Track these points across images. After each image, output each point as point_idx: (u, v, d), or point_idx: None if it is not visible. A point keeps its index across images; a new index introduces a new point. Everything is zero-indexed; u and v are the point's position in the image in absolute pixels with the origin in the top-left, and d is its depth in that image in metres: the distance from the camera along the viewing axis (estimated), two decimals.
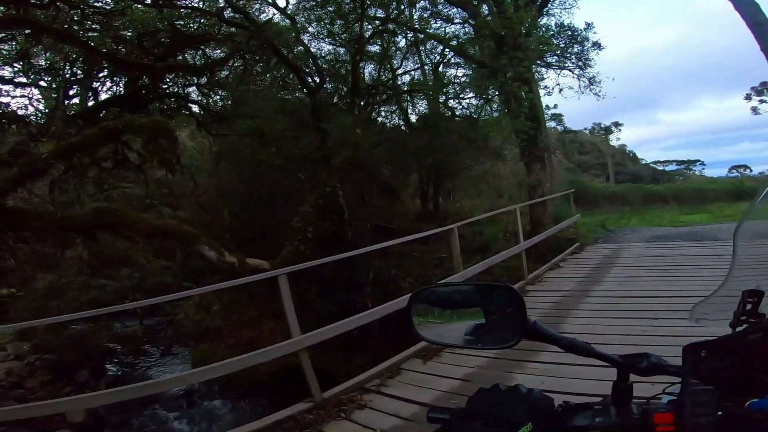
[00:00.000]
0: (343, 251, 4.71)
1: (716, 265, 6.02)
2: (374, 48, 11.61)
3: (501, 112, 11.56)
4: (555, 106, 28.90)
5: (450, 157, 10.39)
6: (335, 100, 10.80)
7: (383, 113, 12.91)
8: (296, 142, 8.03)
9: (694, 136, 57.30)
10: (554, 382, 3.14)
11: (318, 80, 9.80)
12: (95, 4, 8.05)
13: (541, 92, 19.90)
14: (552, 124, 33.22)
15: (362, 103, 10.50)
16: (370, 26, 10.36)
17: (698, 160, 35.57)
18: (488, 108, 12.93)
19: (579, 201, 18.39)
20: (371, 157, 8.21)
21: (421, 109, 13.13)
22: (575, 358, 0.81)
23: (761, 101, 24.18)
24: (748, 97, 25.54)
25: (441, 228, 5.26)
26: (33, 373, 6.79)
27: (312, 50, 10.62)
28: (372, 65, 12.12)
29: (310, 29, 10.95)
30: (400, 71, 12.66)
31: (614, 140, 36.38)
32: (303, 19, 10.60)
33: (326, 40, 11.20)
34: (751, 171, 29.89)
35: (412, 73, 13.24)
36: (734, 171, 31.22)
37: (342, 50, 11.11)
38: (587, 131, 37.36)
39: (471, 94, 12.67)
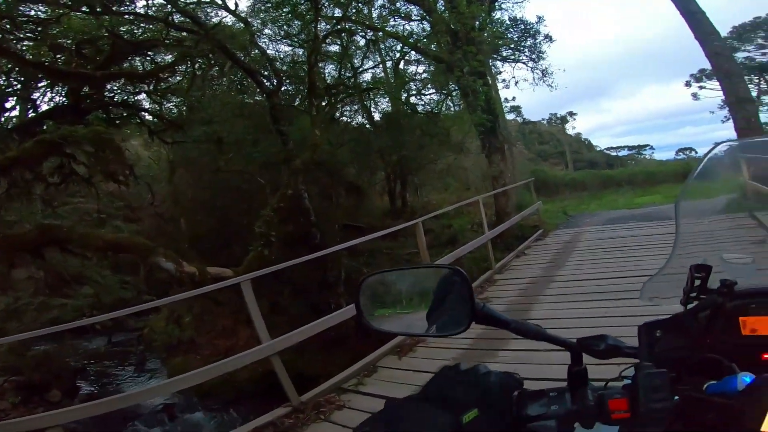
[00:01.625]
0: (313, 252, 4.63)
1: (671, 242, 6.36)
2: (334, 48, 11.55)
3: (461, 107, 11.81)
4: (513, 98, 29.90)
5: (414, 152, 10.48)
6: (296, 101, 10.63)
7: (346, 113, 12.87)
8: (256, 146, 7.81)
9: (642, 123, 60.94)
10: (526, 369, 3.16)
11: (276, 82, 9.62)
12: (28, 12, 7.58)
13: (499, 85, 20.62)
14: (512, 116, 34.25)
15: (323, 104, 10.41)
16: (327, 26, 10.27)
17: (648, 145, 37.49)
18: (449, 103, 13.23)
19: (541, 189, 19.13)
20: (334, 158, 8.14)
21: (384, 107, 13.19)
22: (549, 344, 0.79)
23: (700, 87, 25.98)
24: (688, 84, 27.41)
25: (406, 223, 5.28)
26: (2, 395, 6.44)
27: (270, 52, 10.42)
28: (332, 65, 12.05)
29: (267, 31, 10.75)
30: (361, 70, 12.66)
31: (570, 129, 37.99)
32: (259, 21, 10.38)
33: (284, 41, 11.04)
34: (696, 153, 31.86)
35: (374, 71, 13.28)
36: (681, 153, 33.28)
37: (301, 51, 10.96)
38: (545, 121, 38.71)
39: (432, 90, 12.93)
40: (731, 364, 0.69)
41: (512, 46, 17.94)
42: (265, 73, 9.85)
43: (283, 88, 9.98)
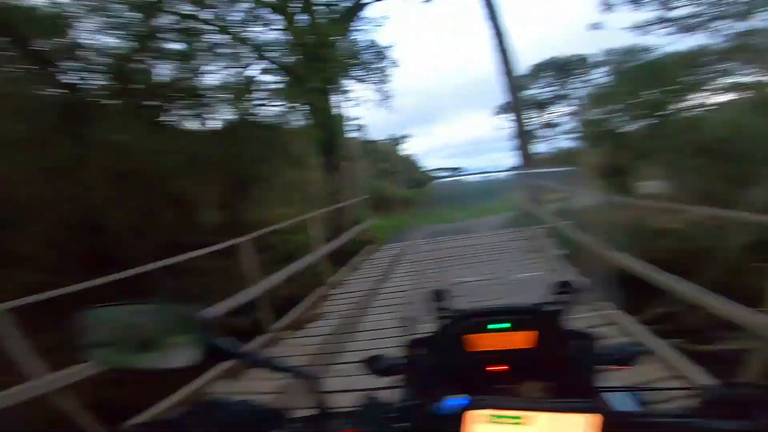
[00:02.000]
0: (119, 272, 3.92)
1: (470, 254, 7.72)
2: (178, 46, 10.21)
3: (305, 121, 11.93)
4: (360, 117, 31.30)
5: (255, 165, 10.04)
6: (116, 101, 8.90)
7: (181, 118, 11.49)
8: (44, 150, 6.17)
9: (461, 147, 72.12)
10: None
11: (85, 76, 7.91)
12: None
13: (349, 103, 21.72)
14: (356, 133, 36.29)
15: (147, 105, 9.06)
16: (168, 21, 9.06)
17: (461, 167, 44.58)
18: (296, 116, 13.21)
19: (380, 205, 20.83)
20: (158, 167, 7.13)
21: (227, 115, 12.31)
22: None
23: (503, 119, 32.48)
24: (494, 115, 34.08)
25: (233, 240, 5.02)
26: None
27: (95, 43, 8.52)
28: (170, 64, 10.64)
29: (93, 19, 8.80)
30: (203, 72, 11.54)
31: (405, 149, 42.41)
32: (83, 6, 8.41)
33: (113, 32, 9.21)
34: (494, 176, 39.42)
35: (221, 75, 12.30)
36: (484, 176, 40.77)
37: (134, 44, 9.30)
38: (385, 141, 42.15)
39: (278, 102, 12.69)
40: (457, 382, 0.79)
41: (363, 67, 19.30)
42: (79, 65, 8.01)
43: (100, 84, 8.30)
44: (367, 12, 16.14)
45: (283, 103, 12.57)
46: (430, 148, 73.56)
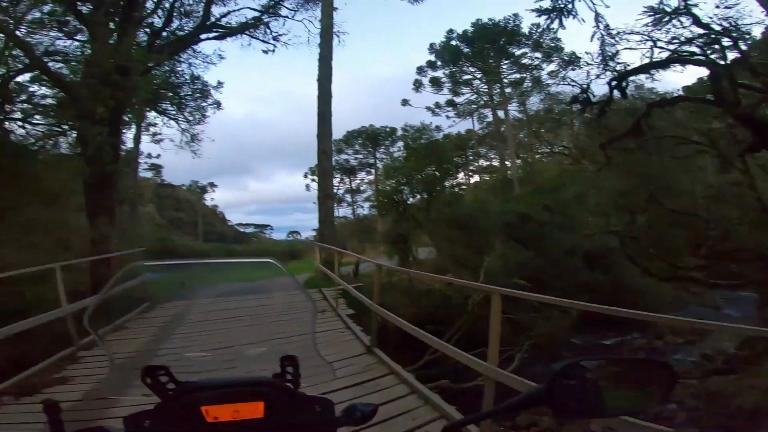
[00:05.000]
0: None
1: (264, 314, 7.46)
2: None
3: (74, 150, 9.73)
4: (158, 156, 27.16)
5: None
6: None
7: None
8: None
9: (268, 204, 71.19)
10: None
11: None
12: None
13: (146, 137, 18.76)
14: (149, 174, 31.48)
15: None
16: None
17: (269, 225, 43.90)
18: (64, 141, 10.64)
19: (167, 258, 18.04)
20: None
21: None
22: None
23: (312, 180, 34.15)
24: (306, 176, 35.47)
25: None
26: None
27: None
28: None
29: None
30: None
31: (208, 200, 39.09)
32: None
33: None
34: (300, 236, 40.50)
35: None
36: (291, 236, 41.30)
37: None
38: (185, 187, 37.97)
39: (42, 121, 10.09)
40: None
41: (176, 101, 17.15)
42: None
43: None
44: (202, 45, 15.37)
45: (50, 123, 10.18)
46: (237, 200, 69.92)
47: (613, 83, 11.06)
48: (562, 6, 12.38)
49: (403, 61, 61.81)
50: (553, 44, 23.87)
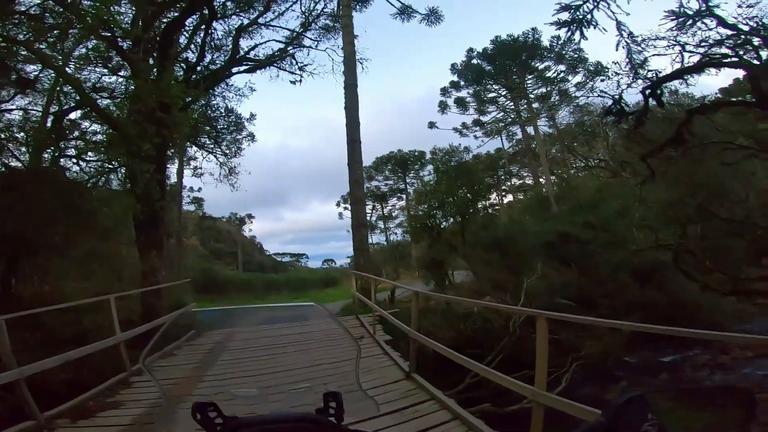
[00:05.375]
0: None
1: (306, 341, 7.49)
2: None
3: (123, 186, 10.40)
4: (199, 189, 28.64)
5: (41, 228, 8.00)
6: None
7: None
8: None
9: (303, 233, 72.65)
10: None
11: None
12: None
13: (187, 172, 19.72)
14: (191, 207, 33.18)
15: None
16: None
17: (304, 254, 44.87)
18: (115, 178, 11.45)
19: (210, 288, 18.79)
20: None
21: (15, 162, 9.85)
22: None
23: (345, 208, 34.62)
24: (338, 204, 36.08)
25: None
26: None
27: None
28: None
29: None
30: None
31: (247, 231, 40.51)
32: None
33: None
34: (335, 263, 40.91)
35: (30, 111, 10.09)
36: (326, 264, 41.78)
37: None
38: (225, 219, 39.63)
39: (95, 158, 10.91)
40: None
41: (213, 134, 17.97)
42: None
43: None
44: (234, 79, 16.08)
45: (101, 160, 10.92)
46: (273, 230, 71.91)
47: (648, 92, 10.68)
48: (581, 17, 12.20)
49: (428, 82, 62.98)
50: (576, 55, 23.38)
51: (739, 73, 11.33)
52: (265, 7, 13.89)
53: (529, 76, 25.69)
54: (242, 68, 14.42)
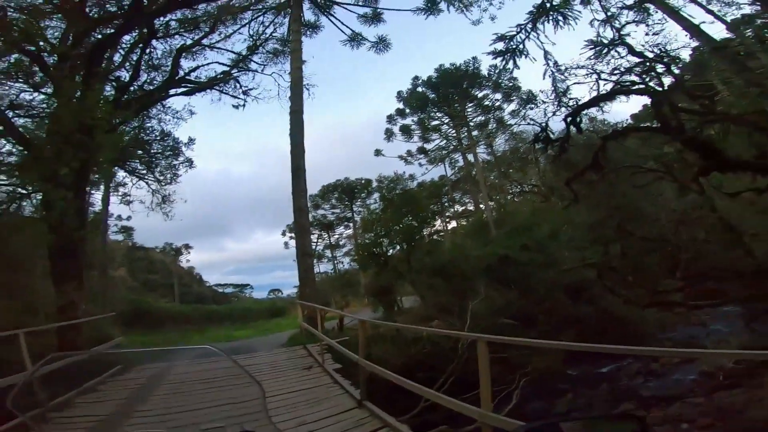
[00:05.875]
0: None
1: (253, 371, 7.10)
2: None
3: (38, 213, 9.34)
4: (128, 218, 26.13)
5: None
6: None
7: None
8: None
9: (247, 263, 69.61)
10: None
11: None
12: None
13: (114, 199, 17.97)
14: (119, 237, 30.47)
15: None
16: None
17: (248, 284, 42.77)
18: (28, 204, 10.21)
19: (142, 321, 17.11)
20: None
21: None
22: None
23: (291, 237, 33.56)
24: (283, 234, 34.99)
25: None
26: None
27: None
28: None
29: None
30: None
31: (184, 261, 37.88)
32: None
33: None
34: (282, 293, 39.41)
35: None
36: (272, 294, 40.11)
37: None
38: (159, 249, 36.79)
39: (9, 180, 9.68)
40: None
41: (146, 159, 16.37)
42: None
43: None
44: (172, 101, 15.38)
45: (13, 184, 9.74)
46: (214, 261, 68.01)
47: (568, 119, 11.19)
48: (514, 47, 13.20)
49: (375, 109, 64.22)
50: (511, 84, 24.63)
51: (647, 100, 12.58)
52: (211, 28, 13.43)
53: (470, 104, 26.72)
54: (180, 90, 13.84)
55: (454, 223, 33.56)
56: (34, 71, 9.28)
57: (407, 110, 27.41)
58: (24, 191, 9.85)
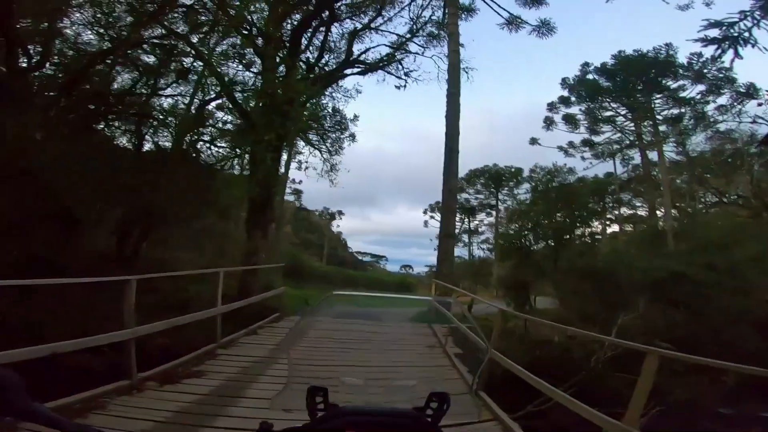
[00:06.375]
0: None
1: (379, 340, 7.60)
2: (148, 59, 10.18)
3: (244, 171, 11.45)
4: (300, 182, 30.55)
5: (170, 201, 9.34)
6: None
7: (116, 130, 10.83)
8: None
9: (387, 235, 74.34)
10: None
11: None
12: None
13: (293, 165, 21.40)
14: (291, 197, 36.07)
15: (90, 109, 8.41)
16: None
17: (384, 256, 45.88)
18: (237, 163, 12.61)
19: (296, 275, 20.06)
20: (58, 174, 6.27)
21: (163, 140, 11.73)
22: None
23: (431, 217, 34.63)
24: (425, 212, 36.26)
25: (117, 277, 4.50)
26: None
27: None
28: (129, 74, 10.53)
29: None
30: (165, 93, 11.31)
31: (335, 226, 42.67)
32: None
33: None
34: (412, 270, 41.01)
35: (179, 99, 11.89)
36: (403, 269, 42.09)
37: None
38: (317, 213, 42.25)
39: (223, 144, 12.16)
40: None
41: (321, 131, 19.28)
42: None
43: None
44: (344, 81, 16.64)
45: (229, 146, 12.13)
46: (359, 229, 74.67)
47: None
48: (737, 34, 10.30)
49: (532, 97, 59.67)
50: (721, 75, 19.85)
51: None
52: (377, 12, 14.27)
53: (658, 96, 22.48)
54: (354, 70, 15.06)
55: (615, 227, 29.07)
56: (244, 53, 11.22)
57: (573, 98, 24.49)
58: (236, 152, 12.05)
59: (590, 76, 23.80)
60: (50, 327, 4.81)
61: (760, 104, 17.59)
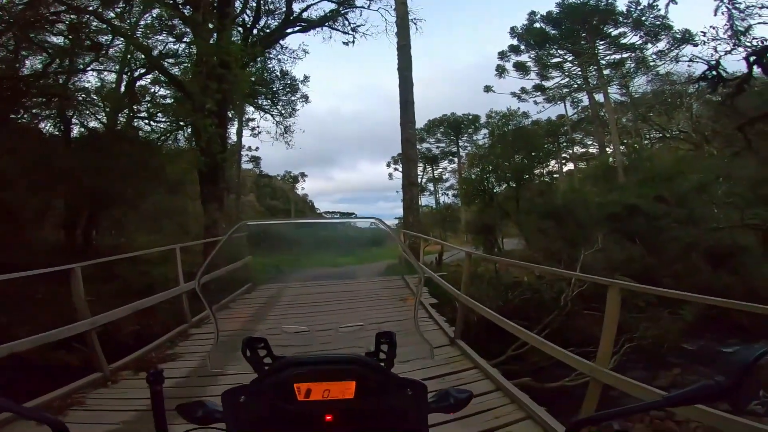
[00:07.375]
0: None
1: (349, 299, 7.70)
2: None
3: (189, 144, 10.97)
4: (257, 148, 30.21)
5: (117, 183, 8.70)
6: None
7: (36, 118, 9.74)
8: None
9: (353, 193, 73.85)
10: None
11: None
12: None
13: (246, 132, 20.68)
14: (249, 165, 34.73)
15: None
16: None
17: (353, 213, 45.70)
18: (180, 135, 12.08)
19: (265, 242, 19.72)
20: None
21: (95, 123, 10.76)
22: None
23: (395, 169, 34.58)
24: (388, 165, 36.13)
25: (57, 267, 4.17)
26: None
27: None
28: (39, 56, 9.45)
29: None
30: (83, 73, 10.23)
31: (299, 189, 41.83)
32: None
33: None
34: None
35: (103, 77, 10.91)
36: (373, 224, 42.36)
37: None
38: (279, 178, 41.04)
39: (164, 118, 11.57)
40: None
41: (270, 95, 18.76)
42: None
43: None
44: (288, 41, 16.61)
45: (168, 120, 11.55)
46: (323, 190, 73.61)
47: (752, 59, 9.82)
48: None
49: (485, 48, 59.13)
50: (658, 22, 20.93)
51: None
52: None
53: (601, 42, 23.51)
54: (296, 29, 14.53)
55: (571, 166, 30.35)
56: (174, 24, 10.48)
57: (522, 47, 25.05)
58: (177, 125, 11.60)
59: (537, 25, 24.35)
60: (15, 328, 4.52)
61: (694, 46, 18.64)
